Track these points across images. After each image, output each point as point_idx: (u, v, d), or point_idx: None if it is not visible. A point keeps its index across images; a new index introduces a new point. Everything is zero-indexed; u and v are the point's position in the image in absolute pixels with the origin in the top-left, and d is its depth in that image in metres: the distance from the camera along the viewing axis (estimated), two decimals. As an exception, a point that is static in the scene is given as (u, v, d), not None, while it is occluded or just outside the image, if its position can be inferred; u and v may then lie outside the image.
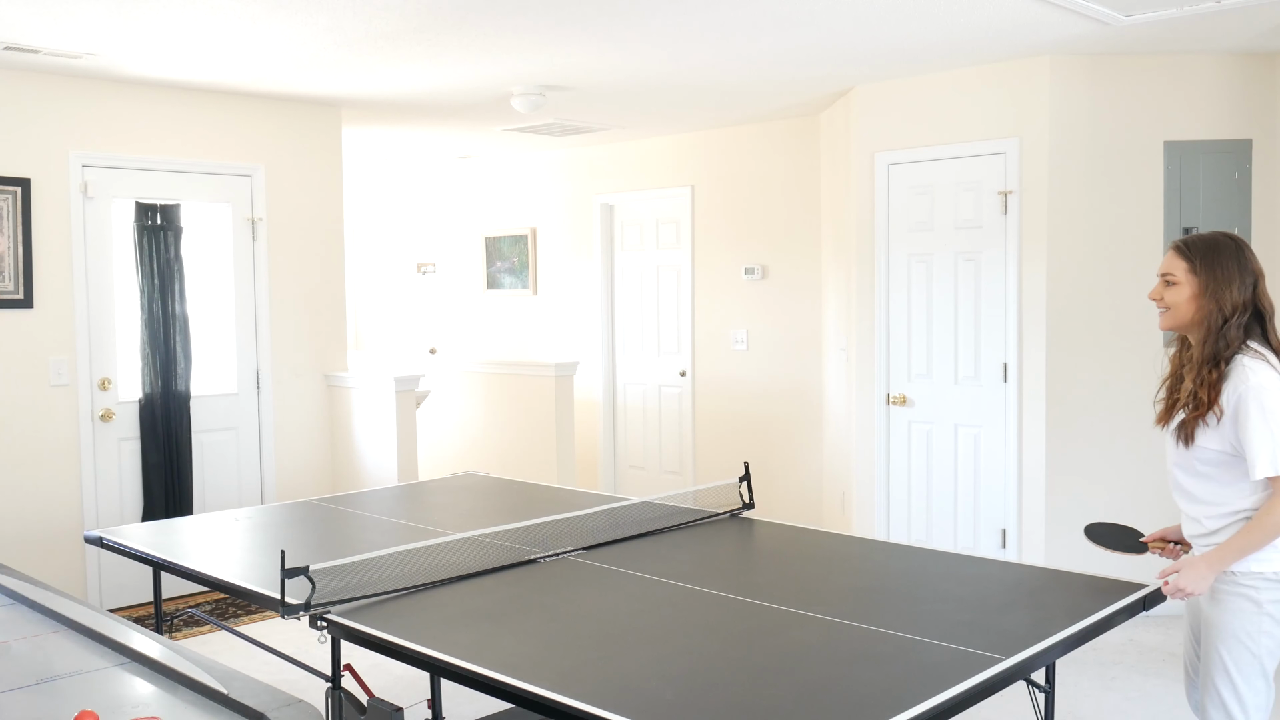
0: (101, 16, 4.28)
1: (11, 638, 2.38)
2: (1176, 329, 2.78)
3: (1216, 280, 2.66)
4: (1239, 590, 2.63)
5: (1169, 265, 2.75)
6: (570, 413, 6.76)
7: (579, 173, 8.13)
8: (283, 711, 1.83)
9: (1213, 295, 2.66)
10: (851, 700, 2.13)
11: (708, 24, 4.50)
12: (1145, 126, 5.16)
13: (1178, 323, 2.75)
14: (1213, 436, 2.64)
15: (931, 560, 3.23)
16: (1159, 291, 2.77)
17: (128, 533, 3.75)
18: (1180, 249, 2.75)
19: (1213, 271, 2.67)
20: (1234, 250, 2.69)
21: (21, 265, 5.21)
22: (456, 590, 2.89)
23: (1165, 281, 2.75)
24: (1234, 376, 2.62)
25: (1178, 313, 2.73)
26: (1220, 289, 2.66)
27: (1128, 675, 4.44)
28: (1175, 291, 2.72)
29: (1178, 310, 2.73)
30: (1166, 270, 2.75)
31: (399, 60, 5.10)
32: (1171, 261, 2.75)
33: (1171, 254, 2.76)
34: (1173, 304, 2.73)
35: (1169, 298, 2.74)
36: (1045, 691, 2.76)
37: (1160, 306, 2.78)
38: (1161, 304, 2.77)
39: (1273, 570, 2.61)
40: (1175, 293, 2.72)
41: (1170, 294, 2.73)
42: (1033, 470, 5.26)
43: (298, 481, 6.23)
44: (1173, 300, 2.73)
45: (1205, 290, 2.68)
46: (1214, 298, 2.66)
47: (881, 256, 5.73)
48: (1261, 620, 2.61)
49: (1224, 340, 2.65)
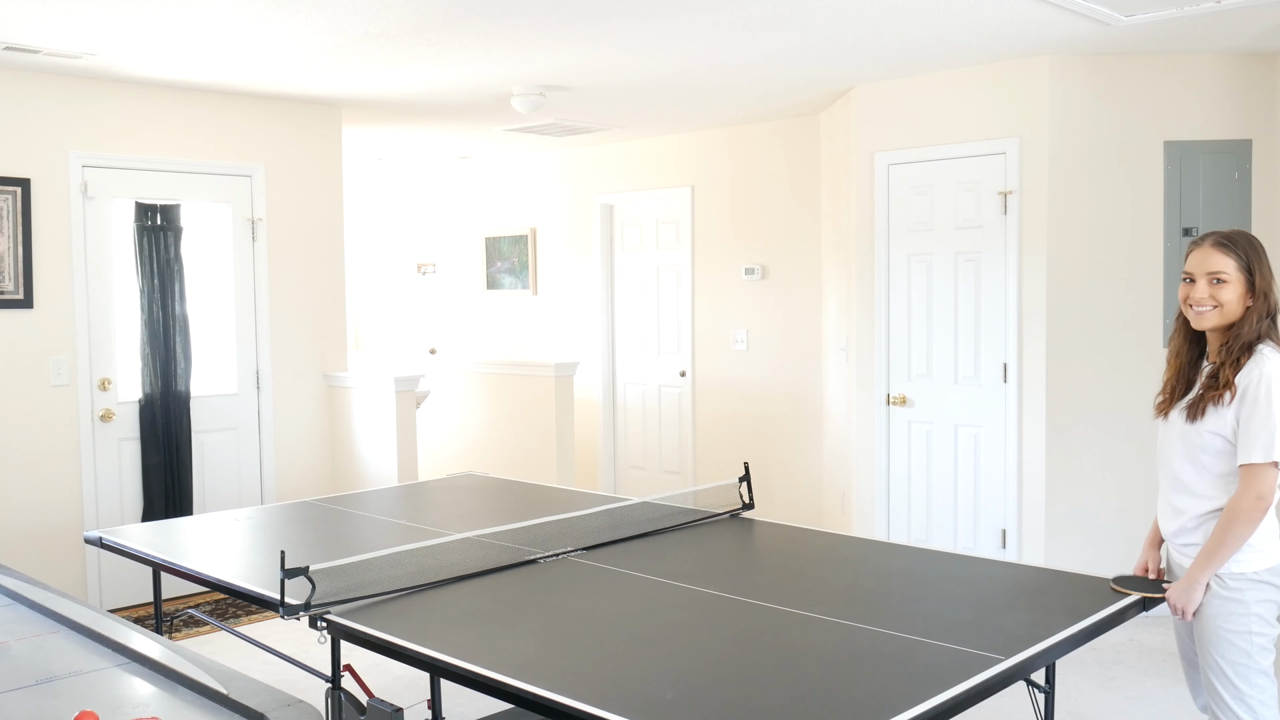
0: (101, 16, 4.28)
1: (11, 638, 2.38)
2: (1222, 327, 2.70)
3: (1264, 276, 2.68)
4: (1225, 593, 2.64)
5: (1218, 264, 2.67)
6: (570, 413, 6.76)
7: (579, 173, 8.13)
8: (283, 712, 1.83)
9: (1261, 291, 2.67)
10: (851, 700, 2.13)
11: (708, 24, 4.50)
12: (1145, 126, 5.16)
13: (1226, 320, 2.68)
14: (1218, 420, 2.65)
15: (931, 560, 3.23)
16: (1206, 291, 2.68)
17: (128, 533, 3.75)
18: (1226, 246, 2.68)
19: (1261, 268, 2.68)
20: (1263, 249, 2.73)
21: (21, 265, 5.21)
22: (456, 590, 2.89)
23: (1216, 279, 2.67)
24: (1252, 361, 2.63)
25: (1228, 310, 2.67)
26: (1268, 284, 2.68)
27: (1128, 675, 4.44)
28: (1227, 290, 2.66)
29: (1228, 308, 2.67)
30: (1216, 269, 2.67)
31: (399, 60, 5.10)
32: (1219, 260, 2.67)
33: (1215, 252, 2.68)
34: (1225, 301, 2.66)
35: (1221, 296, 2.66)
36: (1045, 691, 2.76)
37: (1207, 304, 2.69)
38: (1210, 302, 2.68)
39: (1253, 570, 2.63)
40: (1228, 291, 2.66)
41: (1223, 292, 2.66)
42: (1033, 470, 5.26)
43: (298, 481, 6.23)
44: (1226, 298, 2.66)
45: (1253, 286, 2.67)
46: (1262, 294, 2.67)
47: (881, 256, 5.73)
48: (1249, 620, 2.62)
49: (1257, 332, 2.65)
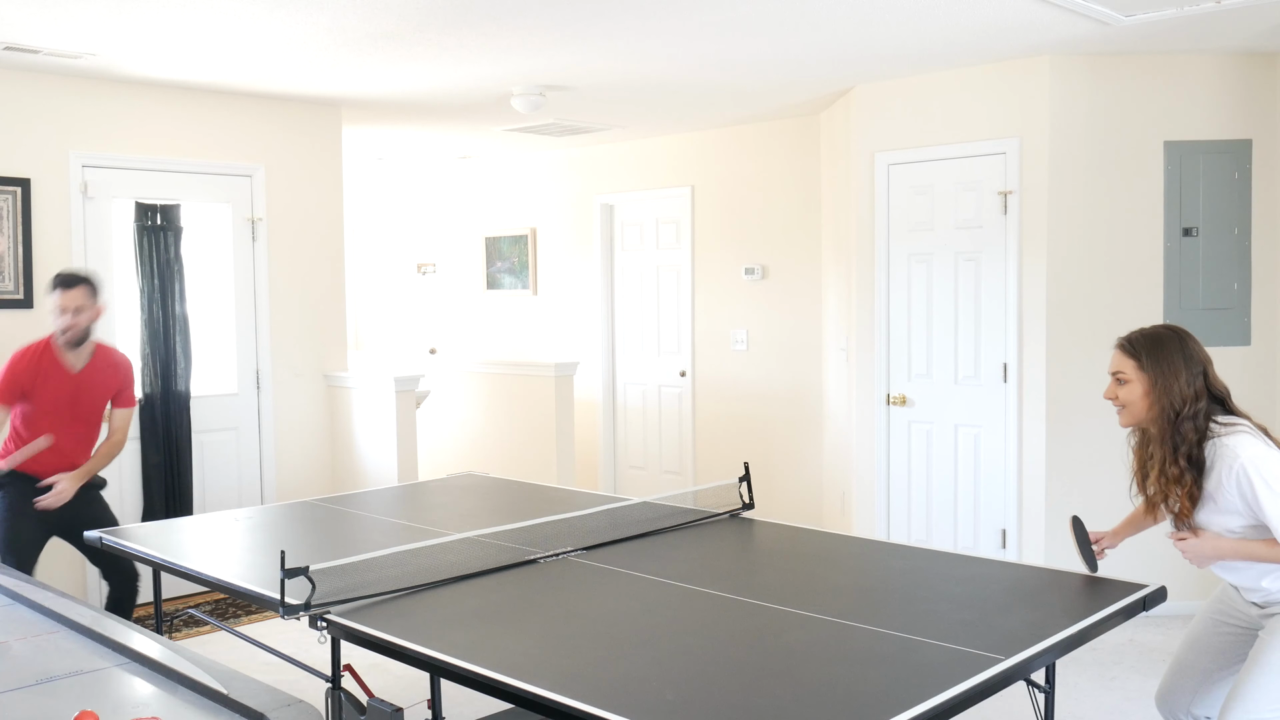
0: (101, 16, 4.28)
1: (11, 638, 2.38)
2: (1136, 425, 2.80)
3: (1164, 374, 2.69)
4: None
5: (1117, 363, 2.79)
6: (570, 413, 6.76)
7: (579, 173, 8.13)
8: (283, 711, 1.83)
9: (1163, 389, 2.68)
10: (851, 700, 2.13)
11: (708, 24, 4.50)
12: (1145, 126, 5.16)
13: (1135, 419, 2.79)
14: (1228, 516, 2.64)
15: (931, 560, 3.24)
16: (1113, 390, 2.79)
17: (128, 533, 3.75)
18: (1124, 346, 2.78)
19: (1158, 366, 2.70)
20: (1177, 343, 2.73)
21: (21, 265, 5.21)
22: (456, 590, 2.89)
23: (1117, 380, 2.78)
24: (1221, 460, 2.61)
25: (1134, 410, 2.77)
26: (1169, 382, 2.68)
27: (1128, 675, 4.44)
28: (1128, 390, 2.77)
29: (1133, 407, 2.77)
30: (1116, 368, 2.78)
31: (399, 60, 5.10)
32: (1119, 360, 2.78)
33: (1117, 353, 2.80)
34: (1127, 401, 2.77)
35: (1123, 395, 2.78)
36: (1045, 691, 2.76)
37: (1116, 405, 2.80)
38: (1117, 402, 2.79)
39: None
40: (1129, 391, 2.77)
41: (1124, 392, 2.77)
42: (1033, 470, 5.26)
43: (298, 481, 6.23)
44: (1127, 398, 2.77)
45: (1155, 385, 2.70)
46: (1164, 392, 2.68)
47: (881, 256, 5.73)
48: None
49: (1180, 435, 2.66)
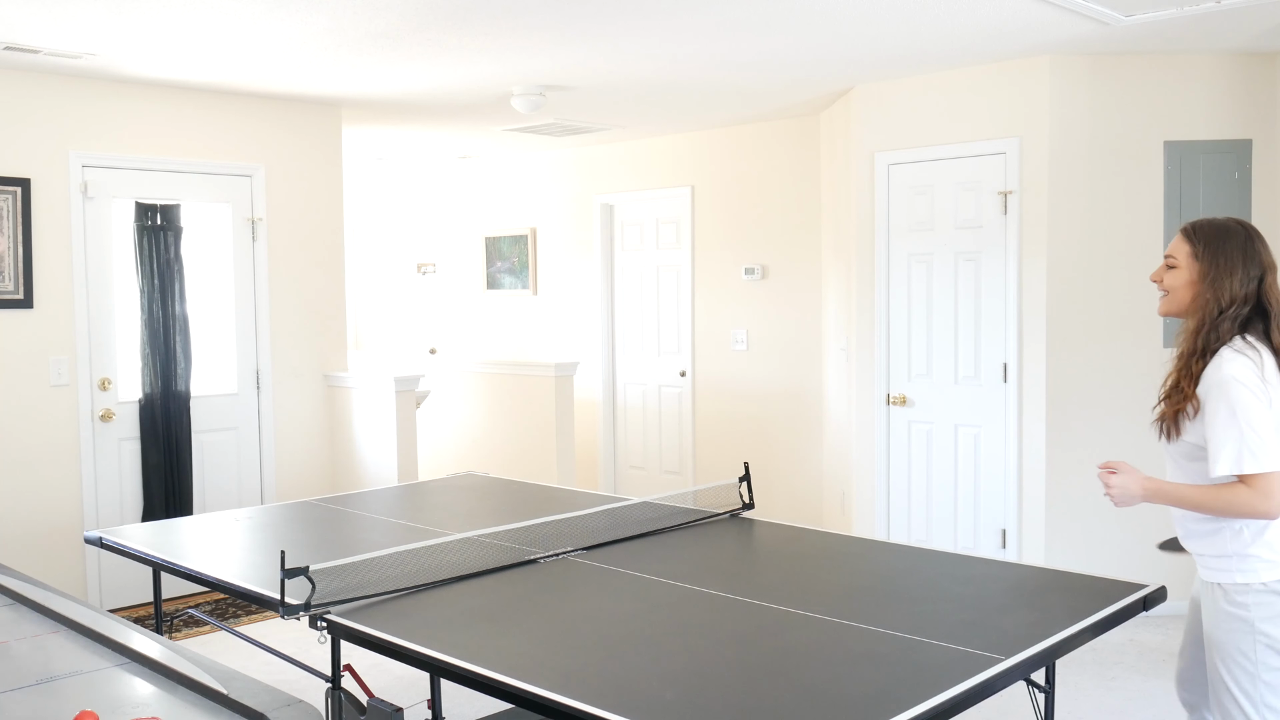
0: (101, 16, 4.28)
1: (11, 638, 2.38)
2: (1173, 314, 2.67)
3: (1218, 268, 2.54)
4: (1230, 608, 2.54)
5: (1173, 248, 2.65)
6: (570, 413, 6.76)
7: (579, 173, 8.13)
8: (283, 711, 1.83)
9: (1211, 283, 2.55)
10: (851, 700, 2.12)
11: (708, 24, 4.50)
12: (1145, 126, 5.16)
13: (1174, 308, 2.65)
14: (1193, 430, 2.54)
15: (931, 560, 3.23)
16: (1160, 273, 2.67)
17: (128, 533, 3.74)
18: (1187, 232, 2.64)
19: (1215, 259, 2.55)
20: (1243, 239, 2.57)
21: (21, 265, 5.21)
22: (456, 590, 2.89)
23: (1166, 264, 2.66)
24: (1210, 367, 2.51)
25: (1175, 298, 2.63)
26: (1220, 278, 2.54)
27: (1128, 675, 4.44)
28: (1175, 275, 2.62)
29: (1175, 295, 2.63)
30: (1170, 253, 2.65)
31: (399, 60, 5.10)
32: (1176, 244, 2.65)
33: (1178, 236, 2.66)
34: (1171, 288, 2.63)
35: (1168, 281, 2.64)
36: (1045, 691, 2.76)
37: (1160, 289, 2.68)
38: (1161, 286, 2.67)
39: (1260, 581, 2.51)
40: (1175, 276, 2.62)
41: (1170, 277, 2.63)
42: (1033, 470, 5.26)
43: (298, 481, 6.23)
44: (1171, 284, 2.63)
45: (1205, 277, 2.56)
46: (1212, 286, 2.54)
47: (881, 256, 5.73)
48: (1255, 637, 2.52)
49: (1215, 333, 2.52)
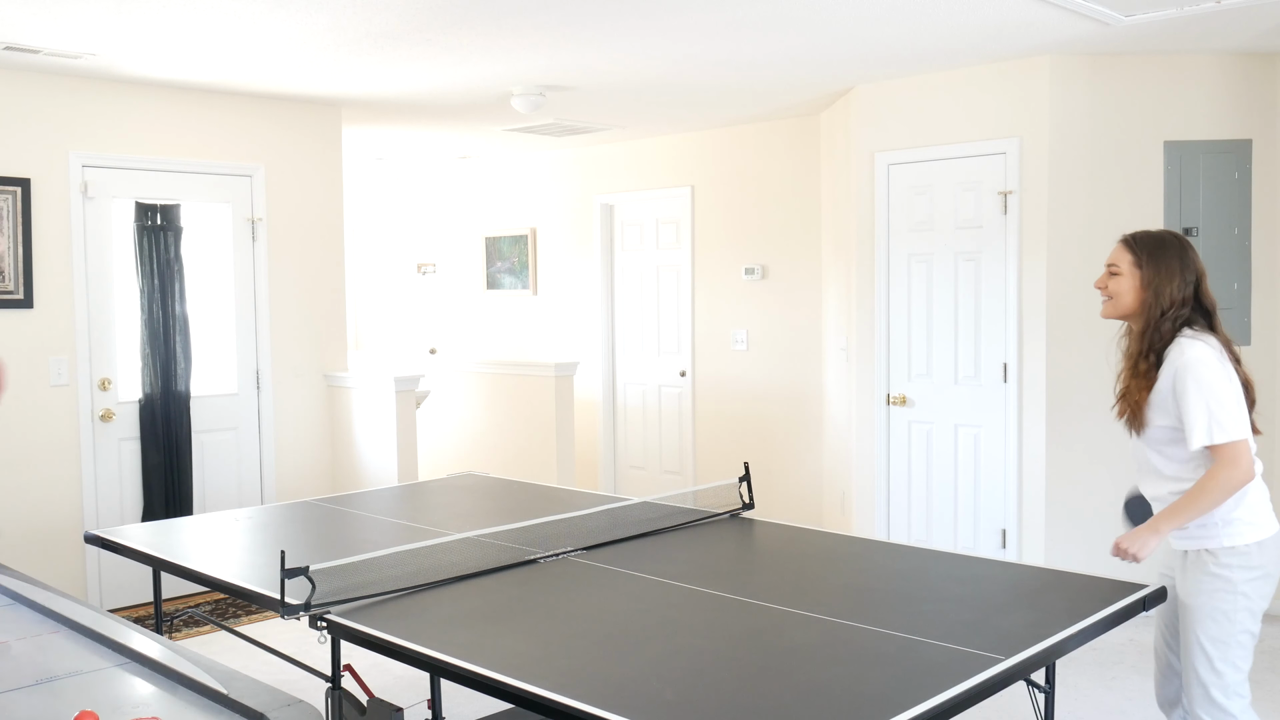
0: (101, 16, 4.28)
1: (11, 638, 2.38)
2: (1117, 317, 2.94)
3: (1160, 275, 2.83)
4: (1215, 571, 2.72)
5: (1115, 257, 2.91)
6: (570, 413, 6.76)
7: (579, 173, 8.13)
8: (283, 711, 1.83)
9: (1153, 289, 2.82)
10: (851, 700, 2.13)
11: (708, 24, 4.50)
12: (1145, 126, 5.16)
13: (1118, 312, 2.92)
14: (1160, 414, 2.79)
15: (931, 560, 3.24)
16: (1104, 280, 2.93)
17: (128, 533, 3.75)
18: (1128, 242, 2.91)
19: (1157, 266, 2.84)
20: (1179, 248, 2.86)
21: (21, 265, 5.21)
22: (456, 590, 2.89)
23: (1110, 272, 2.91)
24: (1171, 355, 2.77)
25: (1119, 302, 2.90)
26: (1162, 283, 2.82)
27: (1128, 675, 4.44)
28: (1118, 282, 2.91)
29: (1120, 300, 2.90)
30: (1112, 261, 2.91)
31: (399, 60, 5.10)
32: (1118, 253, 2.91)
33: (1119, 246, 2.92)
34: (1115, 293, 2.92)
35: (1112, 287, 2.91)
36: (1045, 691, 2.76)
37: (1104, 295, 2.93)
38: (1105, 292, 2.92)
39: (1244, 544, 2.71)
40: (1118, 283, 2.91)
41: (1114, 283, 2.91)
42: (1033, 470, 5.26)
43: (298, 481, 6.23)
44: (1116, 289, 2.91)
45: (1147, 283, 2.83)
46: (1154, 291, 2.81)
47: (881, 256, 5.73)
48: (1236, 599, 2.70)
49: (1158, 333, 2.80)
